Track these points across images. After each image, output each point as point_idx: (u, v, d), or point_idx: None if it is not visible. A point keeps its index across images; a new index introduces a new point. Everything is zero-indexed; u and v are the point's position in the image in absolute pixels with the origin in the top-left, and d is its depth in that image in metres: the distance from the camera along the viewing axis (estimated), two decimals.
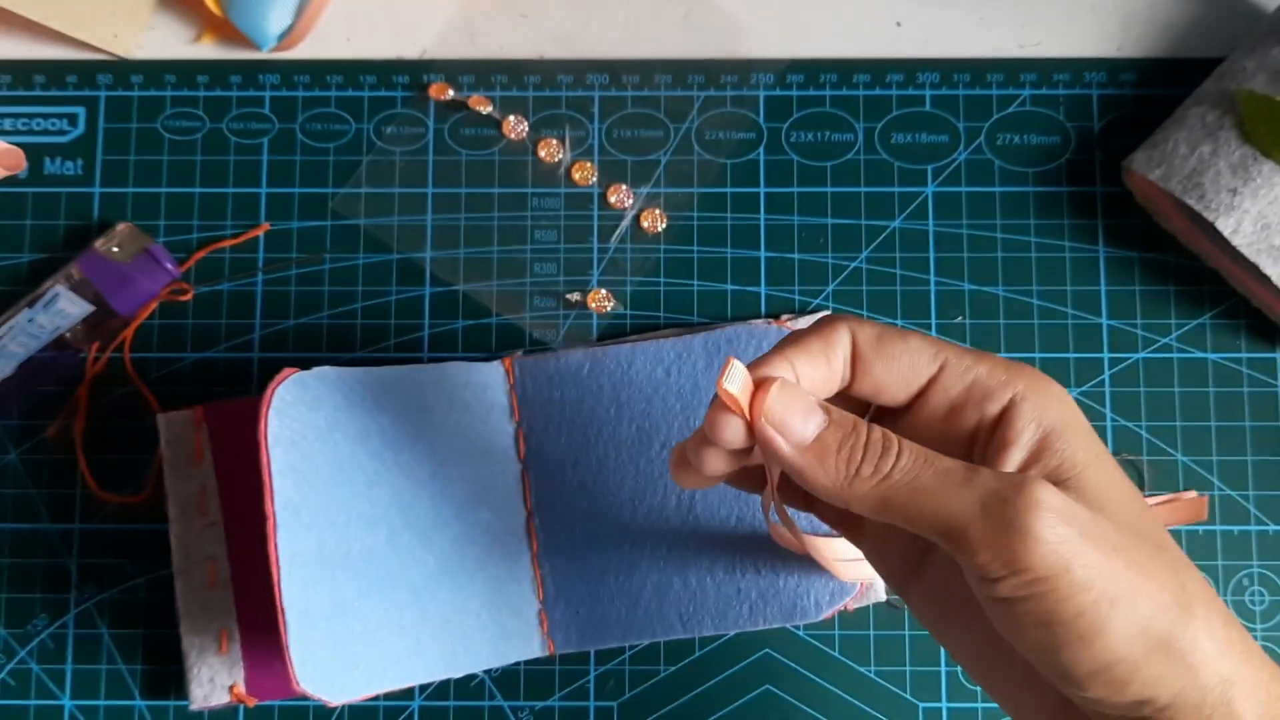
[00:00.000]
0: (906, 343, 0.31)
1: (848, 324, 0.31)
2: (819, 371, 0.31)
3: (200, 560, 0.46)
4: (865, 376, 0.31)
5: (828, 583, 0.45)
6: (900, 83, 0.51)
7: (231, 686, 0.45)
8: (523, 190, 0.50)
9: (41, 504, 0.48)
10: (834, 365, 0.31)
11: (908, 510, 0.28)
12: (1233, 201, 0.45)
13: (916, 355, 0.31)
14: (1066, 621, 0.26)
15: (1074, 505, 0.27)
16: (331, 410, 0.43)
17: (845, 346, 0.31)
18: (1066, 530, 0.26)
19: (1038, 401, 0.30)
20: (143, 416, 0.49)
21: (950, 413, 0.31)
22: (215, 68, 0.51)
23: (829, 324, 0.31)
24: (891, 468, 0.28)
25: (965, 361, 0.30)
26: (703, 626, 0.46)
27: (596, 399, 0.47)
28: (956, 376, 0.30)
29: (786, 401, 0.29)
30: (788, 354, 0.30)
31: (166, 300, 0.49)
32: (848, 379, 0.31)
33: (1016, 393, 0.30)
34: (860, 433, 0.29)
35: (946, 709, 0.47)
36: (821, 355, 0.31)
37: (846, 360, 0.31)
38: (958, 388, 0.30)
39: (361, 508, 0.43)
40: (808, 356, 0.30)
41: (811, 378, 0.31)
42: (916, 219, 0.50)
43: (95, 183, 0.50)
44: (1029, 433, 0.29)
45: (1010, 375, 0.30)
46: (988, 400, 0.30)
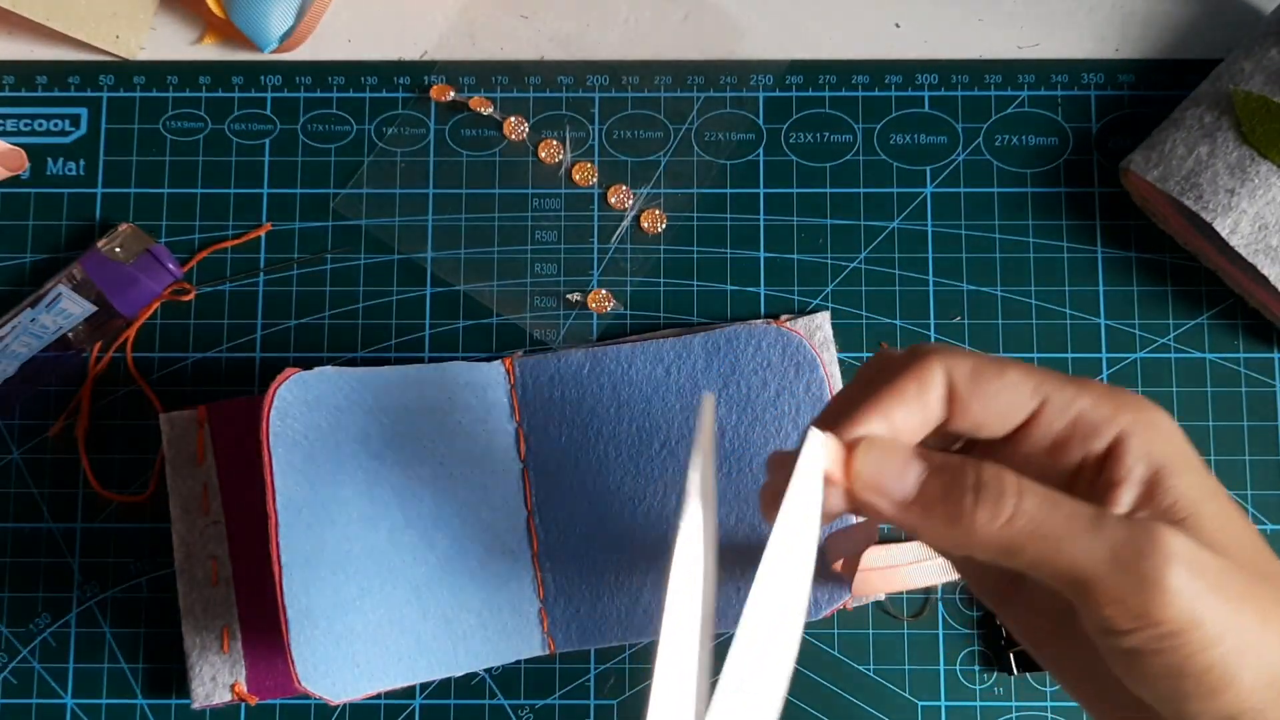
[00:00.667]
0: (1004, 378, 0.29)
1: (942, 360, 0.29)
2: (915, 417, 0.29)
3: (202, 559, 0.46)
4: (962, 416, 0.29)
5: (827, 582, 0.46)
6: (899, 84, 0.51)
7: (233, 685, 0.45)
8: (523, 191, 0.51)
9: (44, 503, 0.49)
10: (930, 408, 0.29)
11: (1032, 558, 0.26)
12: (1230, 202, 0.45)
13: (1015, 391, 0.29)
14: (1196, 675, 0.25)
15: (1202, 553, 0.25)
16: (333, 410, 0.43)
17: (940, 386, 0.29)
18: (1198, 583, 0.25)
19: (1146, 436, 0.28)
20: (145, 416, 0.49)
21: (1053, 448, 0.29)
22: (217, 69, 0.52)
23: (922, 362, 0.29)
24: (1014, 512, 0.26)
25: (1067, 395, 0.28)
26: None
27: (596, 399, 0.47)
28: (1058, 412, 0.28)
29: (877, 461, 0.27)
30: (882, 405, 0.29)
31: (168, 300, 0.50)
32: (943, 418, 0.29)
33: (1124, 428, 0.28)
34: (968, 476, 0.27)
35: (945, 708, 0.47)
36: (917, 400, 0.29)
37: (942, 400, 0.29)
38: (1060, 424, 0.28)
39: (363, 507, 0.44)
40: (902, 403, 0.29)
41: (908, 424, 0.29)
42: (915, 219, 0.50)
43: (97, 183, 0.51)
44: (1138, 470, 0.27)
45: (1116, 409, 0.28)
46: (1093, 437, 0.28)
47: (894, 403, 0.29)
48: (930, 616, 0.47)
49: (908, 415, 0.29)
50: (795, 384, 0.46)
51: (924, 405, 0.29)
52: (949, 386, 0.29)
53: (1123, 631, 0.26)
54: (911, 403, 0.29)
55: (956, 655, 0.47)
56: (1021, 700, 0.47)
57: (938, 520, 0.27)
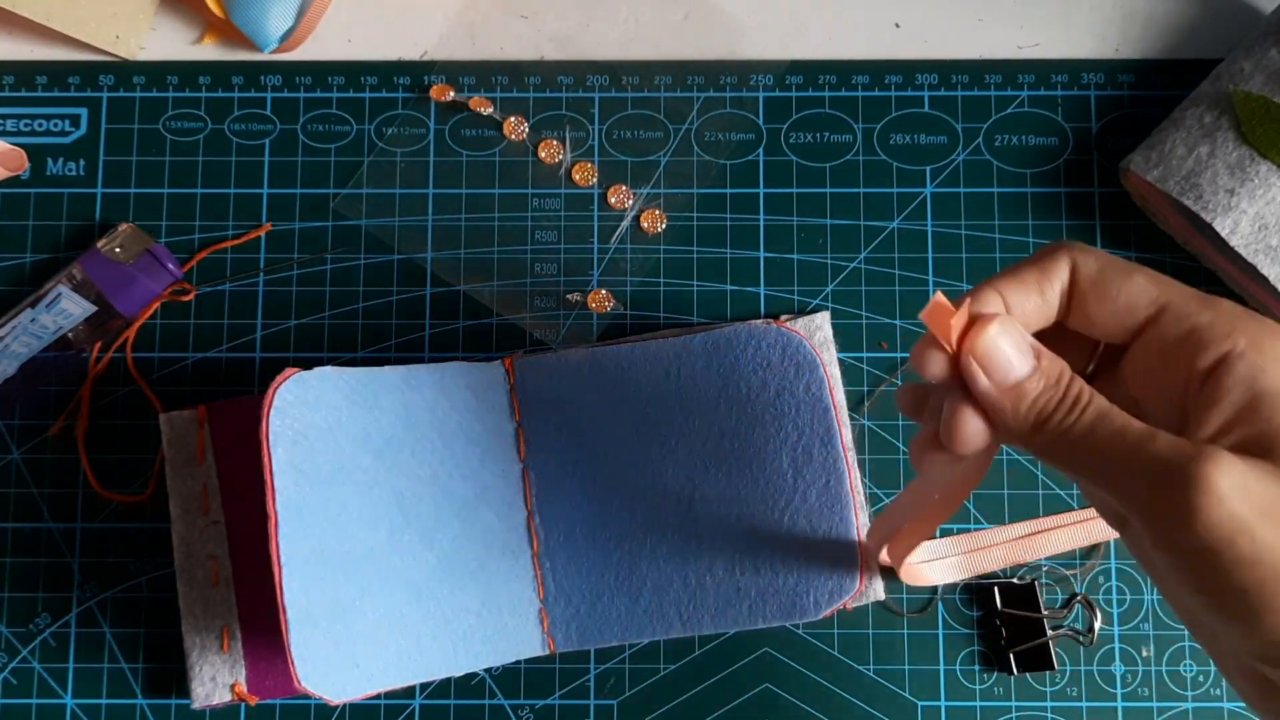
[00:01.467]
0: (1129, 280, 0.29)
1: (1070, 254, 0.30)
2: (1031, 303, 0.30)
3: (202, 559, 0.46)
4: (1079, 312, 0.30)
5: (827, 581, 0.46)
6: (899, 84, 0.51)
7: (233, 685, 0.45)
8: (523, 191, 0.51)
9: (44, 503, 0.49)
10: (1048, 298, 0.30)
11: (1081, 466, 0.28)
12: (1230, 202, 0.45)
13: (1137, 295, 0.29)
14: (1230, 595, 0.26)
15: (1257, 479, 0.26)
16: (333, 410, 0.43)
17: (1063, 279, 0.30)
18: (1236, 506, 0.25)
19: (1255, 360, 0.27)
20: (145, 416, 0.49)
21: (1164, 359, 0.29)
22: (217, 69, 0.52)
23: (1050, 252, 0.30)
24: (1075, 422, 0.28)
25: (1189, 308, 0.28)
26: (702, 625, 0.46)
27: (597, 399, 0.47)
28: (1174, 323, 0.29)
29: (1001, 339, 0.28)
30: (999, 284, 0.29)
31: (169, 300, 0.50)
32: (1062, 310, 0.30)
33: (1235, 348, 0.28)
34: (1061, 385, 0.28)
35: (945, 707, 0.47)
36: (1035, 287, 0.29)
37: (1063, 293, 0.30)
38: (1174, 334, 0.29)
39: (362, 507, 0.44)
40: (1020, 287, 0.29)
41: (1023, 309, 0.30)
42: (915, 219, 0.50)
43: (97, 183, 0.51)
44: (1236, 394, 0.27)
45: (1235, 327, 0.28)
46: (1201, 352, 0.28)
47: (1012, 285, 0.29)
48: (930, 616, 0.47)
49: (1024, 299, 0.29)
50: (795, 384, 0.46)
51: (1042, 293, 0.30)
52: (1072, 281, 0.29)
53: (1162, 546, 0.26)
54: (1030, 287, 0.29)
55: (956, 655, 0.47)
56: (1021, 700, 0.47)
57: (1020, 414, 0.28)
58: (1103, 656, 0.47)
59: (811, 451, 0.46)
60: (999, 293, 0.30)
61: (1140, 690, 0.47)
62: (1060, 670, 0.47)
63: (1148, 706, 0.47)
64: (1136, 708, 0.47)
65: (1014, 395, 0.28)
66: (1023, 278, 0.30)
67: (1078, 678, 0.47)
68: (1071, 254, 0.30)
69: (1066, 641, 0.47)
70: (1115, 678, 0.47)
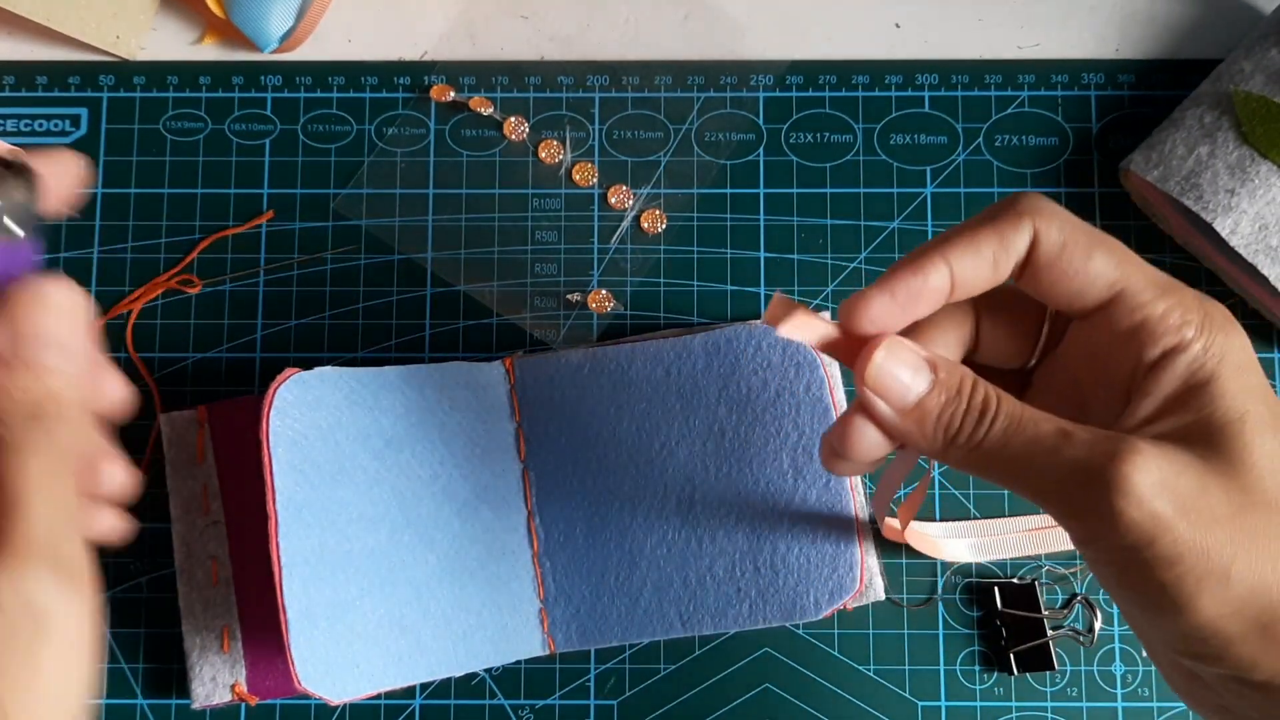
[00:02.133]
0: (1088, 260, 0.28)
1: (1034, 217, 0.28)
2: (981, 275, 0.29)
3: (202, 559, 0.46)
4: (1031, 282, 0.29)
5: (827, 581, 0.46)
6: (899, 84, 0.51)
7: (233, 685, 0.45)
8: (523, 191, 0.51)
9: None
10: (1000, 268, 0.29)
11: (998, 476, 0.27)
12: (1230, 202, 0.45)
13: (1094, 278, 0.28)
14: (1151, 591, 0.26)
15: (1178, 475, 0.25)
16: (333, 410, 0.43)
17: (1021, 248, 0.28)
18: (1158, 505, 0.25)
19: (1197, 354, 0.27)
20: (144, 416, 0.49)
21: (1111, 344, 0.28)
22: (217, 69, 0.52)
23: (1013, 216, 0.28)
24: (985, 434, 0.27)
25: (1144, 296, 0.28)
26: (702, 625, 0.46)
27: (596, 399, 0.47)
28: (1126, 312, 0.28)
29: (890, 363, 0.28)
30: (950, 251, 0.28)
31: (170, 299, 0.50)
32: (1015, 274, 0.29)
33: (1183, 339, 0.27)
34: (964, 395, 0.28)
35: (945, 708, 0.47)
36: (989, 258, 0.28)
37: (1017, 262, 0.29)
38: (1125, 324, 0.28)
39: (363, 507, 0.44)
40: (974, 257, 0.28)
41: (970, 280, 0.29)
42: (915, 220, 0.50)
43: (98, 184, 0.51)
44: (1171, 386, 0.27)
45: (1186, 320, 0.27)
46: (1150, 344, 0.27)
47: (964, 252, 0.28)
48: (931, 616, 0.47)
49: (974, 271, 0.28)
50: (795, 384, 0.46)
51: (995, 263, 0.28)
52: (1031, 249, 0.28)
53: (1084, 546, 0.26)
54: (983, 260, 0.28)
55: (957, 655, 0.47)
56: (1022, 700, 0.47)
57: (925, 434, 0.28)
58: (1103, 656, 0.47)
59: (812, 451, 0.46)
60: (948, 263, 0.28)
61: (1141, 690, 0.47)
62: (1060, 670, 0.47)
63: (1148, 706, 0.47)
64: (1137, 708, 0.47)
65: (916, 416, 0.28)
66: (979, 246, 0.28)
67: (1078, 678, 0.47)
68: (1035, 220, 0.28)
69: (1067, 641, 0.47)
70: (1116, 678, 0.47)
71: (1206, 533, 0.25)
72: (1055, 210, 0.29)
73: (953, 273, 0.28)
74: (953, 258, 0.28)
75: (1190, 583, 0.25)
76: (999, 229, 0.28)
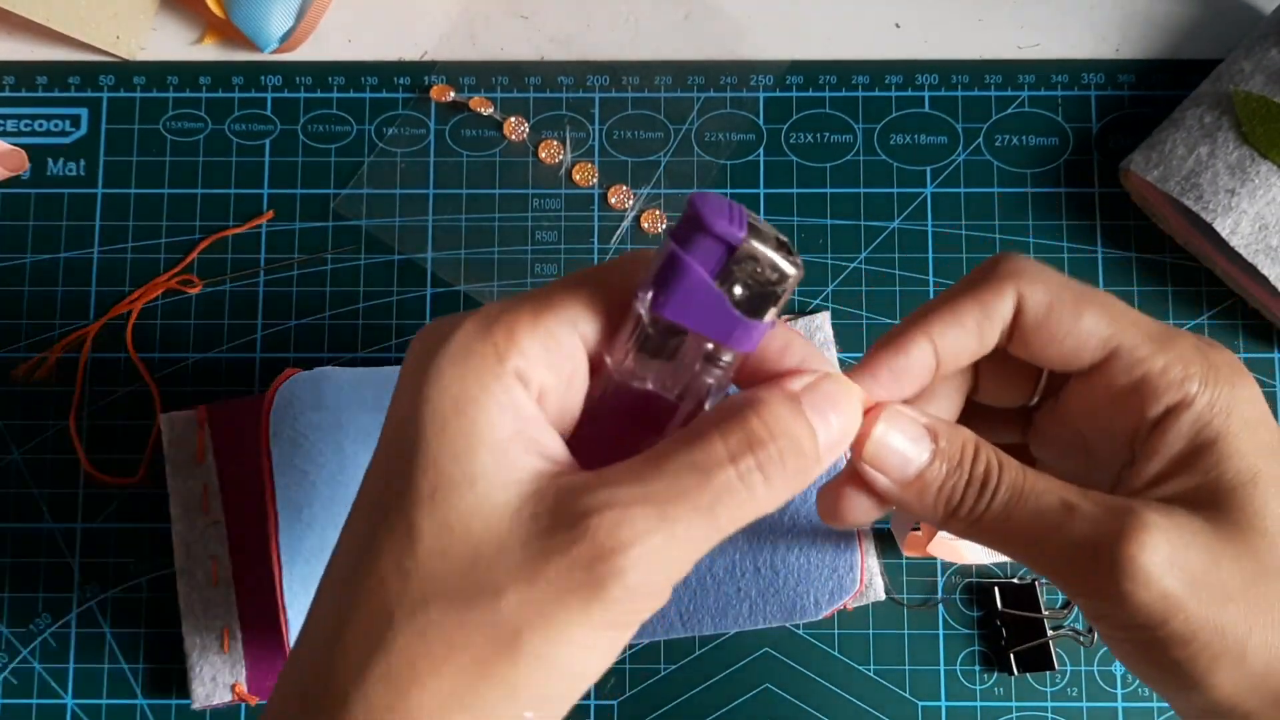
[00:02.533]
0: (1078, 320, 0.27)
1: (1016, 285, 0.27)
2: (966, 345, 0.27)
3: (202, 559, 0.46)
4: (1021, 346, 0.27)
5: (827, 581, 0.46)
6: (899, 84, 0.51)
7: (233, 685, 0.45)
8: (524, 191, 0.51)
9: (44, 503, 0.49)
10: (986, 339, 0.27)
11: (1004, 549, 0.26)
12: (1230, 202, 0.45)
13: (1086, 338, 0.27)
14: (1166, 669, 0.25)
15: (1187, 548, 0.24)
16: (333, 410, 0.43)
17: (1006, 316, 0.27)
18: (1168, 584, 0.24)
19: (1203, 410, 0.26)
20: (145, 416, 0.49)
21: (1112, 404, 0.27)
22: (217, 69, 0.52)
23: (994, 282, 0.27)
24: (987, 507, 0.26)
25: (1141, 352, 0.26)
26: (702, 625, 0.46)
27: None
28: (1124, 370, 0.27)
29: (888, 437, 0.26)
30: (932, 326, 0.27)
31: (171, 297, 0.50)
32: (1002, 342, 0.28)
33: (1186, 396, 0.26)
34: (965, 466, 0.26)
35: (945, 708, 0.47)
36: (974, 329, 0.27)
37: (1003, 329, 0.27)
38: (1123, 381, 0.27)
39: None
40: (957, 329, 0.27)
41: (955, 354, 0.27)
42: (915, 220, 0.50)
43: (98, 184, 0.51)
44: (1178, 446, 0.26)
45: (1189, 374, 0.26)
46: (1151, 402, 0.26)
47: (947, 325, 0.27)
48: (931, 617, 0.47)
49: (958, 345, 0.27)
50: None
51: (980, 334, 0.27)
52: (1017, 314, 0.27)
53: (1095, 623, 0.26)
54: (968, 332, 0.27)
55: (957, 655, 0.47)
56: (1022, 701, 0.47)
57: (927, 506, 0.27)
58: (1103, 656, 0.47)
59: None
60: (930, 339, 0.27)
61: (1141, 690, 0.47)
62: (1061, 670, 0.47)
63: (1148, 707, 0.47)
64: (1137, 708, 0.47)
65: (916, 489, 0.26)
66: (961, 317, 0.27)
67: (1078, 678, 0.47)
68: (1018, 285, 0.27)
69: (1067, 641, 0.47)
70: (1116, 678, 0.47)
71: (1220, 610, 0.24)
72: (1039, 270, 0.27)
73: (936, 348, 0.27)
74: (935, 333, 0.27)
75: (1204, 661, 0.24)
76: (980, 297, 0.27)
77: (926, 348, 0.27)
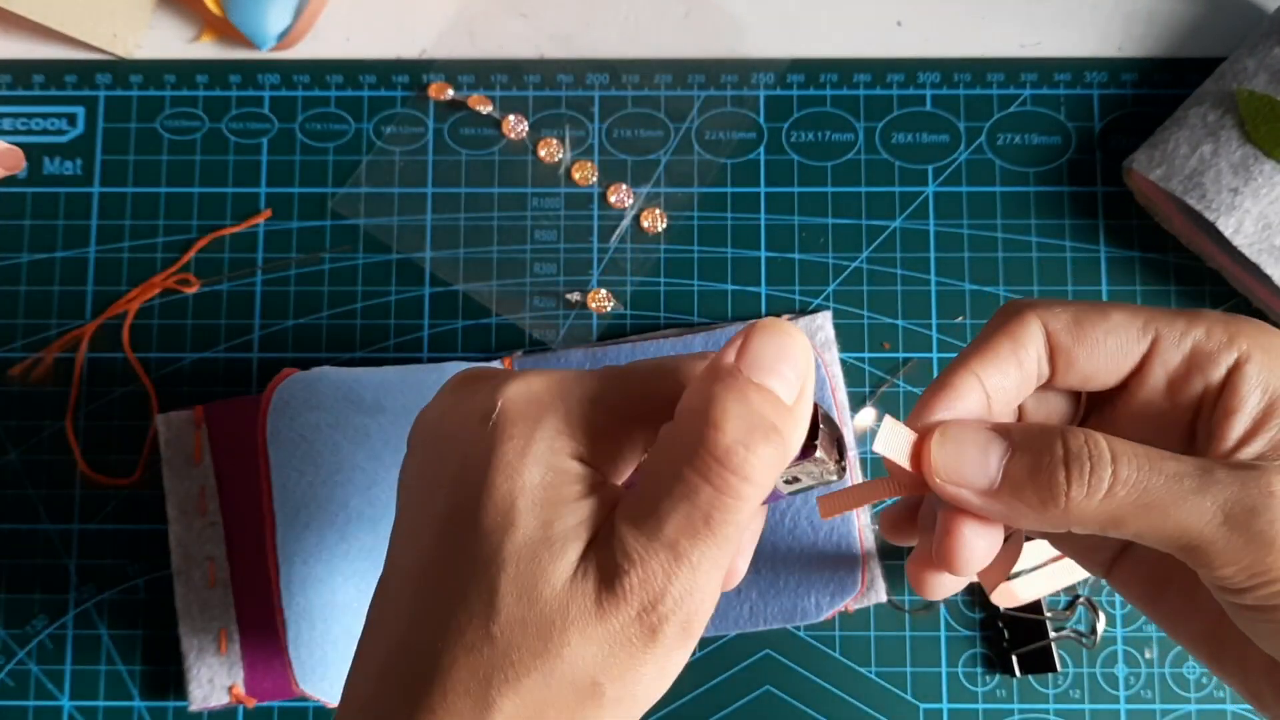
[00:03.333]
0: (1109, 321, 0.27)
1: (1036, 313, 0.27)
2: (1010, 379, 0.27)
3: (199, 560, 0.46)
4: (1069, 369, 0.28)
5: (828, 583, 0.45)
6: (901, 82, 0.51)
7: (231, 687, 0.45)
8: (522, 190, 0.50)
9: (40, 504, 0.48)
10: (1027, 367, 0.27)
11: (1138, 526, 0.25)
12: (1234, 201, 0.45)
13: (1123, 333, 0.27)
14: None
15: None
16: (331, 410, 0.43)
17: (1038, 342, 0.27)
18: None
19: (1264, 361, 0.26)
20: (142, 417, 0.49)
21: (1171, 386, 0.27)
22: (214, 67, 0.51)
23: (1014, 319, 0.27)
24: (1112, 482, 0.25)
25: (1179, 327, 0.27)
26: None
27: None
28: (1172, 347, 0.27)
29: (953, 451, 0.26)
30: (974, 365, 0.27)
31: (168, 298, 0.49)
32: (1046, 375, 0.28)
33: (1241, 353, 0.26)
34: (1056, 448, 0.25)
35: (947, 710, 0.47)
36: (1012, 359, 0.27)
37: (1042, 357, 0.27)
38: (1176, 359, 0.27)
39: (360, 507, 0.43)
40: (996, 364, 0.27)
41: (1003, 387, 0.27)
42: (917, 219, 0.50)
43: (95, 182, 0.50)
44: (1254, 399, 0.26)
45: (1232, 334, 0.27)
46: (1210, 366, 0.27)
47: (985, 364, 0.27)
48: (933, 618, 0.47)
49: (1002, 377, 0.27)
50: None
51: (1020, 364, 0.27)
52: (1049, 340, 0.27)
53: (1243, 589, 0.25)
54: (1006, 361, 0.27)
55: (959, 657, 0.47)
56: (1024, 703, 0.47)
57: (1029, 504, 0.25)
58: (1106, 658, 0.47)
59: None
60: (976, 375, 0.27)
61: (1144, 692, 0.47)
62: (1063, 672, 0.47)
63: (1151, 709, 0.46)
64: (1140, 710, 0.46)
65: (1009, 489, 0.25)
66: (997, 351, 0.27)
67: (1081, 680, 0.47)
68: (1036, 312, 0.27)
69: (1069, 643, 0.47)
70: (1118, 679, 0.47)
71: None
72: (1050, 300, 0.28)
73: (984, 384, 0.27)
74: (978, 369, 0.27)
75: None
76: (1007, 330, 0.27)
77: (975, 384, 0.27)
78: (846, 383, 0.48)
